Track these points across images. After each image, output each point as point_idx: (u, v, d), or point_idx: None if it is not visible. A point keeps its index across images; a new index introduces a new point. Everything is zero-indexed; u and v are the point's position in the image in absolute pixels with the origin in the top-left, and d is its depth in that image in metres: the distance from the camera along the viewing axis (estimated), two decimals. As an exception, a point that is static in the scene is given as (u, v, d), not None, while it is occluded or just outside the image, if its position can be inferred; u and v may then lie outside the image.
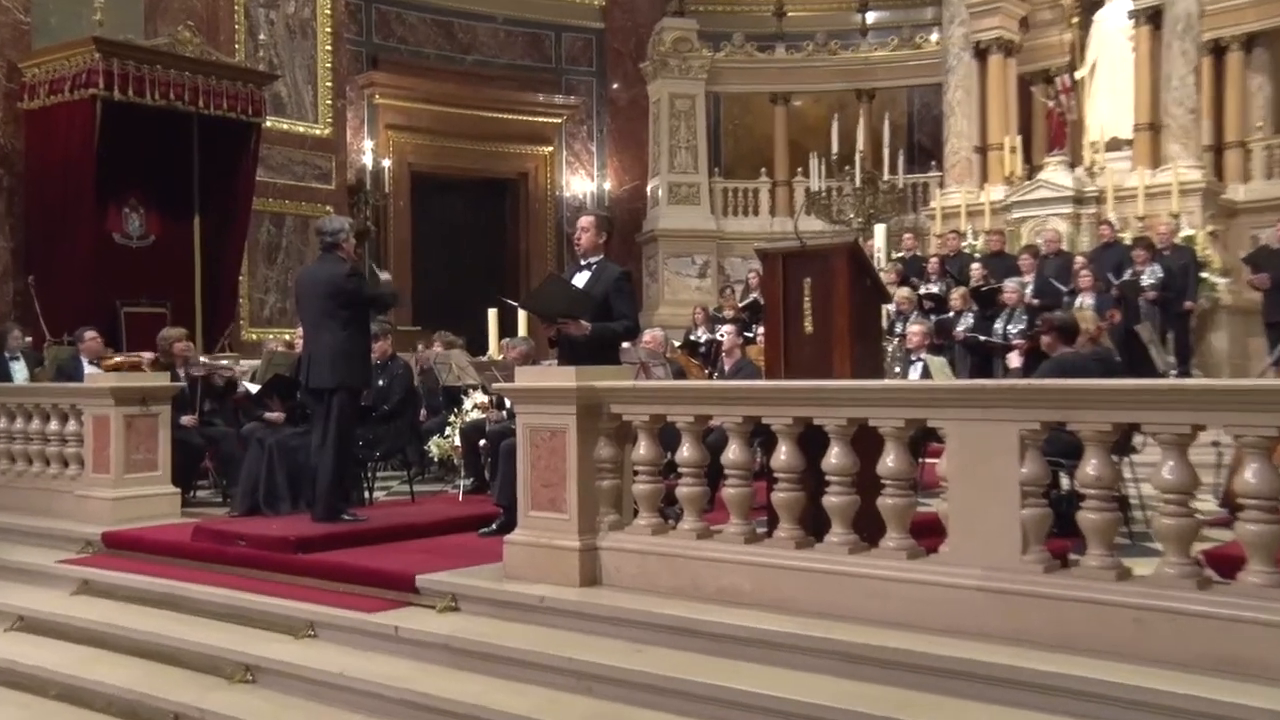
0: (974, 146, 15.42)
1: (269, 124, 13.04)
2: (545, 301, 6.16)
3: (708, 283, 17.57)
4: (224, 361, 9.64)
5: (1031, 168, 14.85)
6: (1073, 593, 3.91)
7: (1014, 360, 10.13)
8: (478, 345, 11.89)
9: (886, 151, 15.98)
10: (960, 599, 4.13)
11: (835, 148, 16.10)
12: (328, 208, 13.90)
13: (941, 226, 14.93)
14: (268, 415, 7.94)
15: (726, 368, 8.29)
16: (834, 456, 4.58)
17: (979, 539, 4.14)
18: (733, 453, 4.93)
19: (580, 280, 6.12)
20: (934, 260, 13.11)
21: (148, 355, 8.70)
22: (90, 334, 9.02)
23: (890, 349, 9.69)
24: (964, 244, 13.93)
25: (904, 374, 8.87)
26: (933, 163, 16.93)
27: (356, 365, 6.84)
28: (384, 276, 7.28)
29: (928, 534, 4.48)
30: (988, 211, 14.61)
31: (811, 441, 4.72)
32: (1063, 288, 11.25)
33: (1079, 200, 13.91)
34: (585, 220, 6.22)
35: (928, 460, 6.31)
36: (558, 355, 6.22)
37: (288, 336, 11.84)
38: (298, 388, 7.54)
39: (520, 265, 18.29)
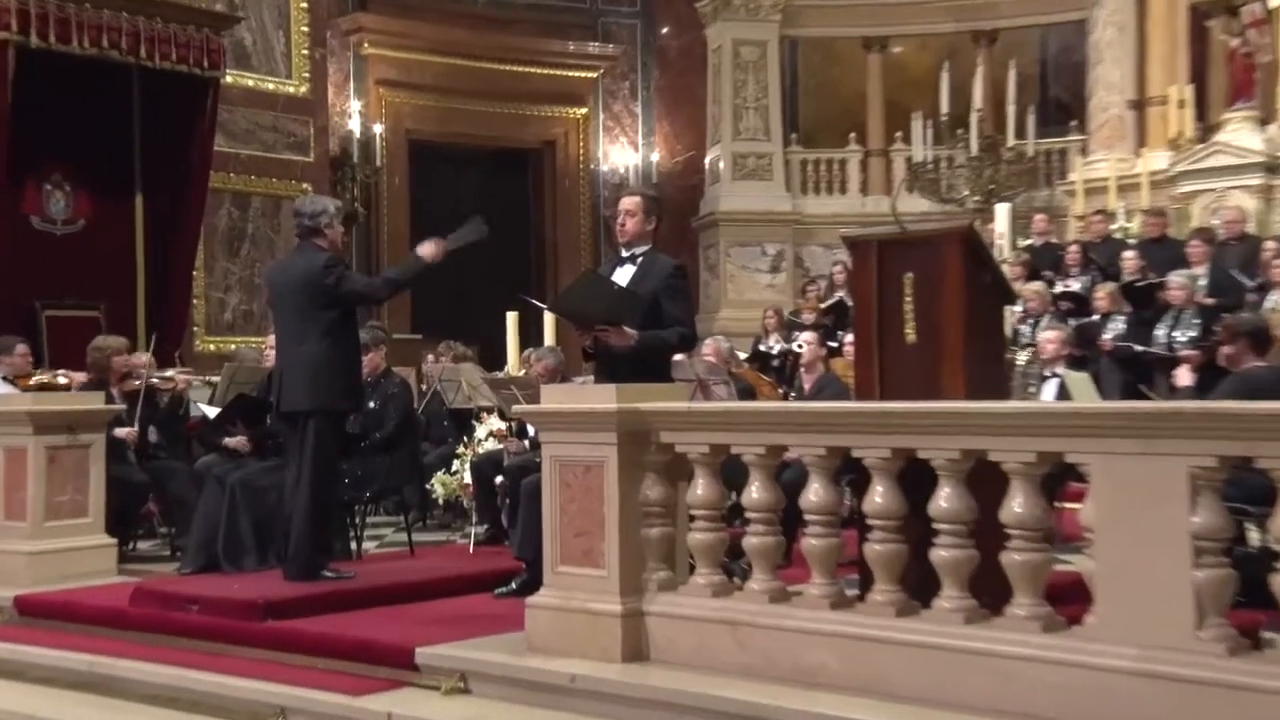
0: (1128, 101, 15.35)
1: (229, 79, 13.18)
2: (579, 303, 6.22)
3: (782, 279, 17.68)
4: (169, 373, 9.72)
5: (1206, 127, 14.58)
6: (1269, 682, 3.86)
7: (1182, 377, 10.11)
8: (493, 358, 12.04)
9: (1012, 110, 15.94)
10: (1111, 685, 4.10)
11: (945, 106, 16.08)
12: (304, 185, 14.12)
13: (1084, 205, 14.88)
14: (228, 441, 8.05)
15: (806, 386, 8.33)
16: (944, 499, 4.58)
17: (1136, 608, 4.13)
18: (814, 494, 4.95)
19: (623, 277, 6.15)
20: (1074, 248, 13.05)
21: (79, 376, 8.81)
22: (21, 348, 9.07)
23: (1017, 362, 9.70)
24: (1114, 227, 13.86)
25: (1035, 394, 8.83)
26: (1073, 123, 16.87)
27: (341, 383, 6.89)
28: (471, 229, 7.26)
29: (1068, 600, 4.48)
30: (1145, 185, 14.48)
31: (915, 480, 4.72)
32: (1248, 282, 11.17)
33: (1271, 168, 13.64)
34: (629, 201, 6.29)
35: (1066, 505, 6.32)
36: (594, 371, 6.28)
37: (256, 345, 11.97)
38: (267, 411, 7.62)
39: (547, 258, 18.54)
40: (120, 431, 8.41)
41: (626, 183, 18.11)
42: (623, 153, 18.89)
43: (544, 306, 7.73)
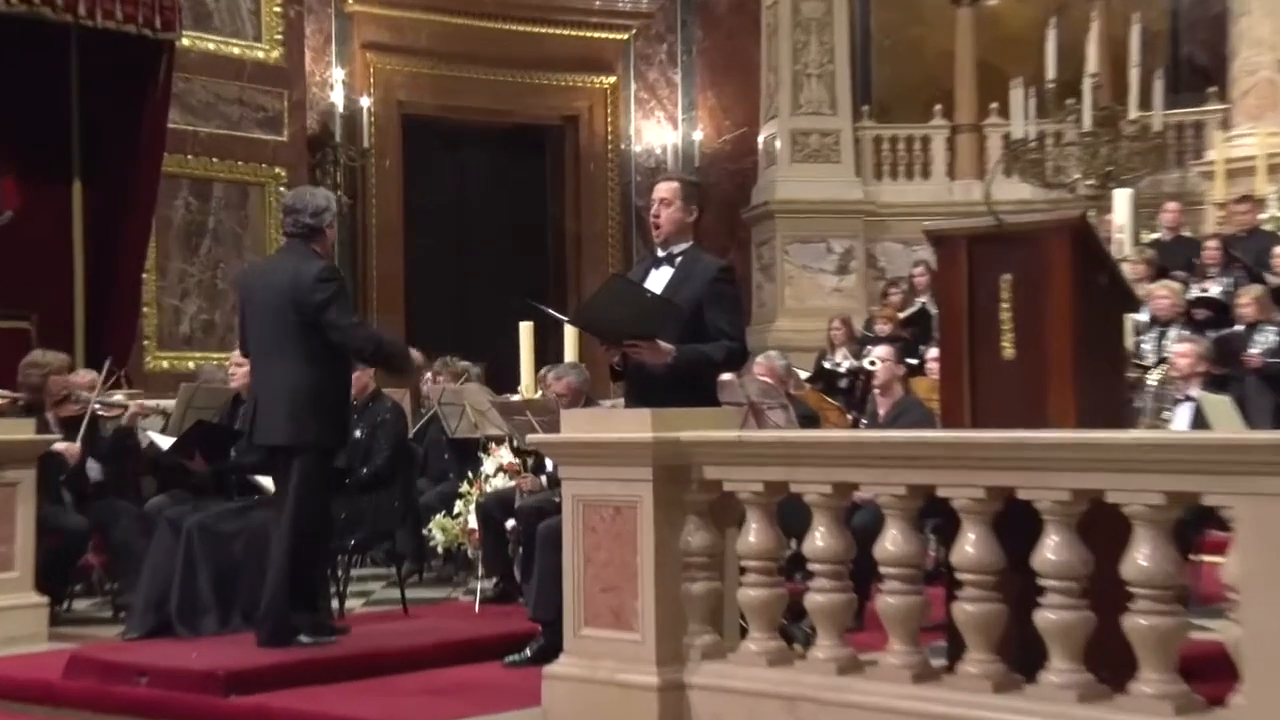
0: (1281, 60, 15.23)
1: (186, 42, 13.21)
2: (606, 314, 6.23)
3: (851, 281, 17.64)
4: (117, 396, 9.77)
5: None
6: None
7: (1350, 401, 10.10)
8: (505, 378, 11.94)
9: (1134, 74, 15.78)
10: (1259, 778, 4.11)
11: (1052, 71, 15.97)
12: (276, 169, 14.20)
13: (1225, 190, 14.78)
14: (190, 465, 8.13)
15: (881, 411, 8.36)
16: (1051, 550, 4.56)
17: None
18: (891, 542, 4.94)
19: (659, 280, 6.19)
20: (1212, 244, 13.00)
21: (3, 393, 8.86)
22: None
23: (1145, 382, 9.66)
24: (1262, 217, 13.79)
25: (1164, 421, 8.83)
26: (1211, 90, 16.75)
27: (330, 414, 6.99)
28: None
29: (1207, 675, 4.47)
30: (1302, 165, 14.43)
31: (1015, 526, 4.70)
32: None
33: None
34: (665, 188, 6.31)
35: (1204, 559, 6.32)
36: (625, 393, 6.32)
37: (219, 363, 11.98)
38: (232, 440, 7.70)
39: (568, 257, 18.55)
40: (60, 446, 8.46)
41: (663, 166, 18.06)
42: (659, 130, 18.89)
43: (564, 319, 7.77)
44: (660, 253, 6.28)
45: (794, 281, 17.74)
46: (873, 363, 8.90)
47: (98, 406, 9.09)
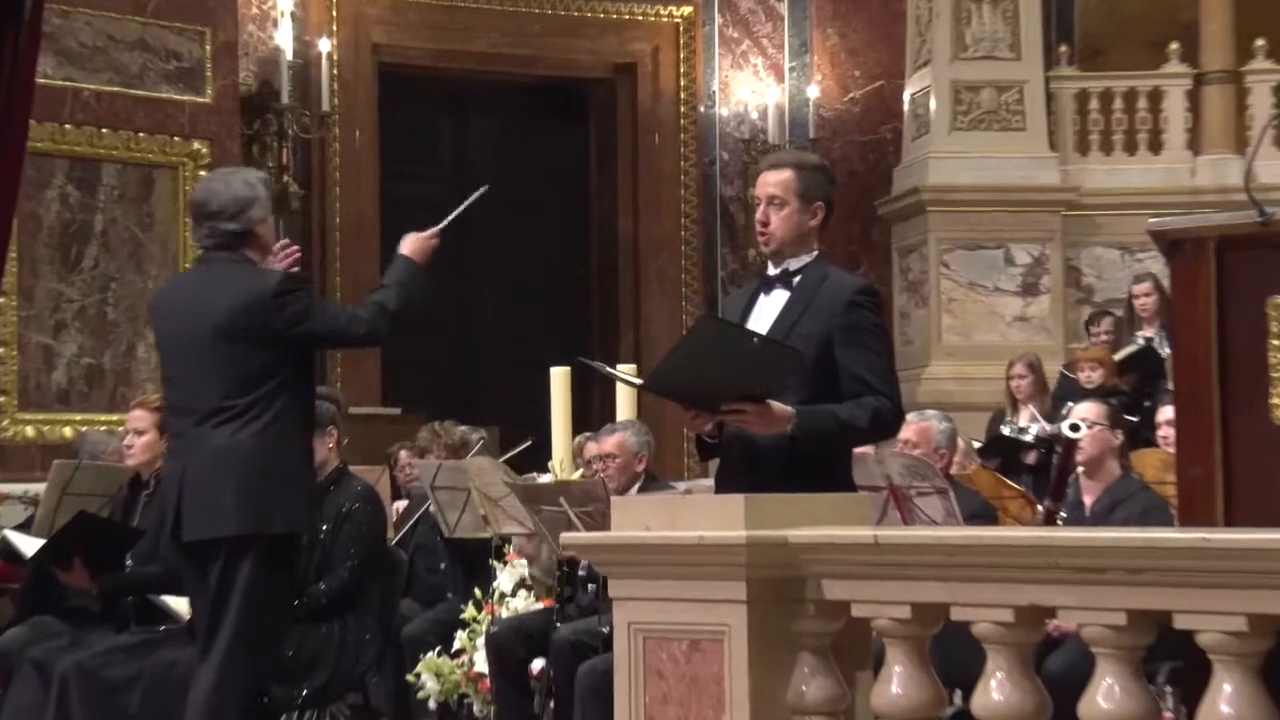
0: None
1: (61, -38, 13.46)
2: (695, 372, 6.20)
3: (1043, 307, 17.53)
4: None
5: None
6: None
7: None
8: (532, 455, 11.85)
9: None
10: None
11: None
12: (195, 144, 14.37)
13: None
14: (67, 578, 8.13)
15: (1088, 500, 8.38)
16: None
17: None
18: (1105, 696, 4.87)
19: (769, 311, 6.29)
20: None
21: None
22: None
23: None
24: None
25: None
26: None
27: (289, 491, 7.10)
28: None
29: None
30: None
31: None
32: None
33: None
34: (777, 179, 6.35)
35: None
36: (718, 476, 6.42)
37: (112, 429, 11.96)
38: (129, 542, 7.84)
39: (620, 272, 18.48)
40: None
41: (763, 140, 18.07)
42: (756, 85, 18.85)
43: (633, 383, 7.52)
44: (770, 270, 6.32)
45: (956, 307, 17.64)
46: (1074, 427, 8.78)
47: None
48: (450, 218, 7.45)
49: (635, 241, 18.49)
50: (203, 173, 13.63)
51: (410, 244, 7.34)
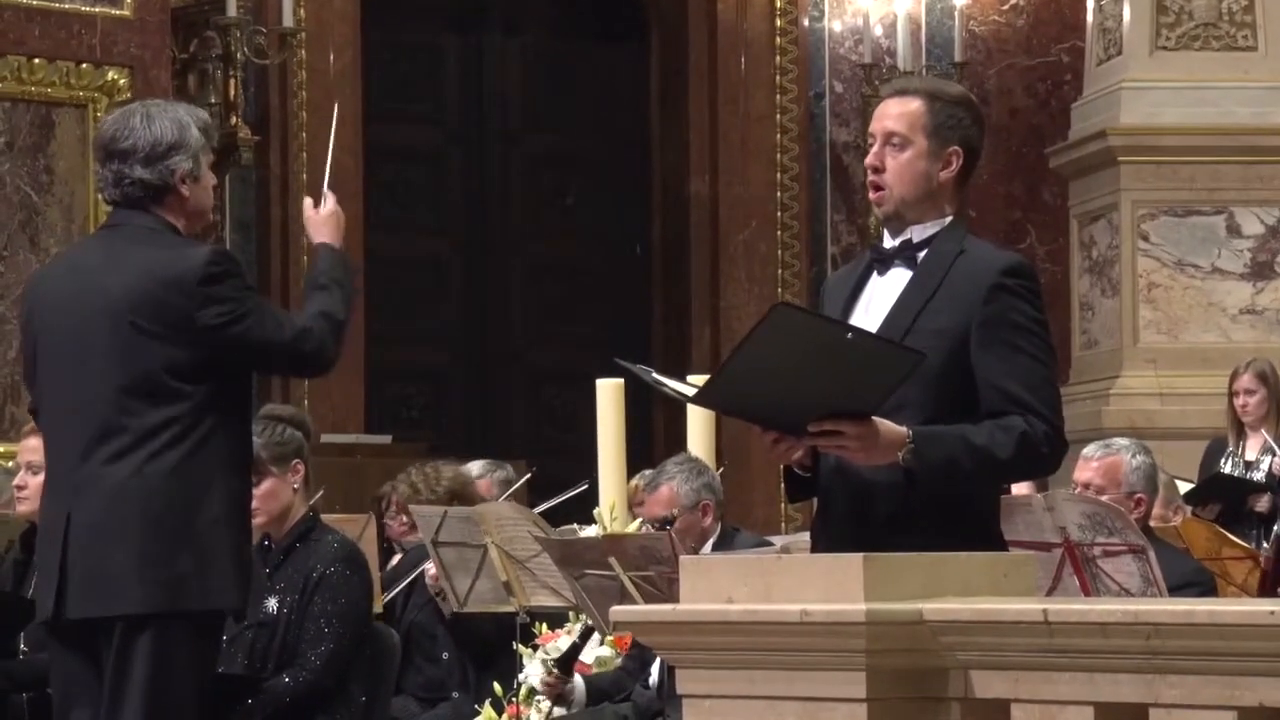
0: None
1: None
2: (770, 379, 5.64)
3: (1276, 294, 15.94)
4: None
5: None
6: None
7: None
8: (574, 500, 11.30)
9: None
10: None
11: None
12: (110, 74, 13.58)
13: None
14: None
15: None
16: None
17: None
18: None
19: (882, 297, 5.78)
20: None
21: None
22: None
23: None
24: None
25: None
26: None
27: (207, 550, 6.47)
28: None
29: None
30: None
31: None
32: None
33: None
34: (899, 109, 5.78)
35: None
36: (813, 520, 6.06)
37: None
38: (22, 620, 7.83)
39: (692, 245, 17.32)
40: None
41: (889, 65, 17.14)
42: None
43: (682, 393, 6.88)
44: (886, 241, 5.73)
45: (1160, 295, 16.43)
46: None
47: None
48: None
49: (713, 207, 17.45)
50: (121, 112, 13.29)
51: (323, 227, 6.90)
